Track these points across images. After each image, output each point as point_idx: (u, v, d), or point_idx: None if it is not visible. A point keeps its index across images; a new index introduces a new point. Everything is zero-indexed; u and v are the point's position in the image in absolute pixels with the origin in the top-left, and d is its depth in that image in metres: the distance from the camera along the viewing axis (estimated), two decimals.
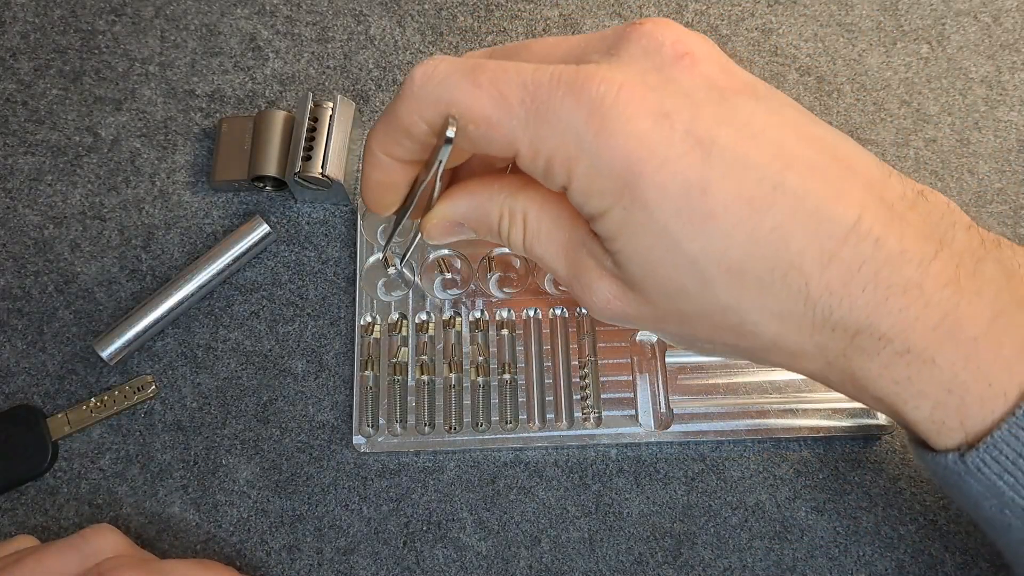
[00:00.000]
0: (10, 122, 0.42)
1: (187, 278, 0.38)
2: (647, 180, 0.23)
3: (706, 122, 0.23)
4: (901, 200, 0.24)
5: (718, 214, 0.23)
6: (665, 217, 0.23)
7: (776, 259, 0.23)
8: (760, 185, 0.23)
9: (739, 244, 0.23)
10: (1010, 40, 0.43)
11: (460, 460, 0.37)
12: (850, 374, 0.25)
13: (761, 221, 0.23)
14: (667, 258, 0.24)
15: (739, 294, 0.24)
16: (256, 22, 0.44)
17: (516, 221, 0.28)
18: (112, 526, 0.34)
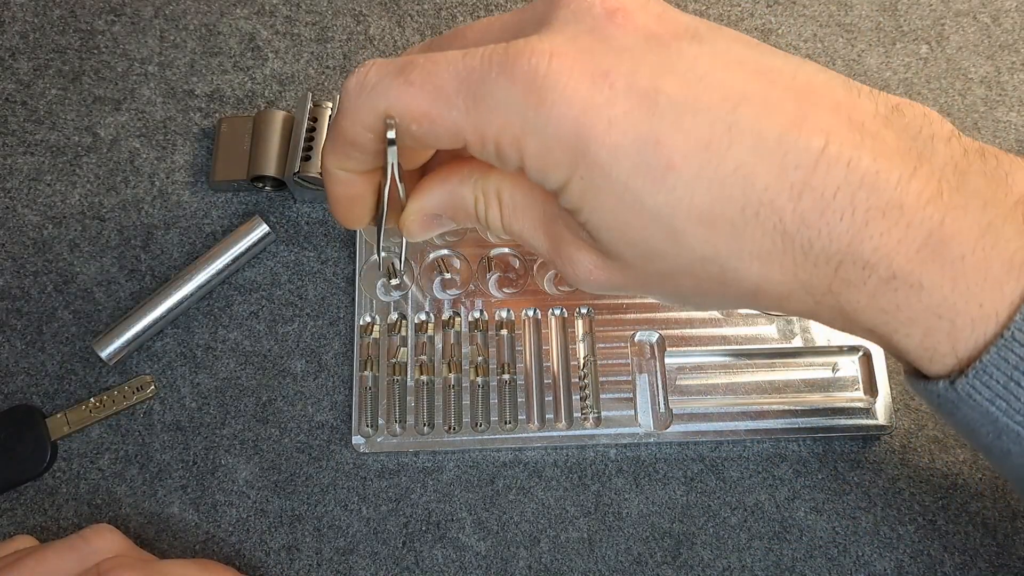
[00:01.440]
0: (9, 122, 0.42)
1: (186, 278, 0.38)
2: (597, 144, 0.22)
3: (647, 74, 0.23)
4: (873, 118, 0.23)
5: (676, 164, 0.22)
6: (624, 177, 0.23)
7: (745, 199, 0.23)
8: (714, 127, 0.22)
9: (704, 190, 0.23)
10: (1009, 40, 0.43)
11: (459, 460, 0.37)
12: (839, 308, 0.24)
13: (722, 163, 0.22)
14: (635, 219, 0.23)
15: (714, 242, 0.23)
16: (255, 22, 0.44)
17: (491, 201, 0.27)
18: (111, 526, 0.34)
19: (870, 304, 0.23)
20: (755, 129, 0.22)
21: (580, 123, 0.22)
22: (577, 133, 0.22)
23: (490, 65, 0.23)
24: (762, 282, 0.24)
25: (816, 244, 0.23)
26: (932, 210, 0.22)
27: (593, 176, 0.23)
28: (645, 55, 0.23)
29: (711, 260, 0.24)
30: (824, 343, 0.37)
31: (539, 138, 0.23)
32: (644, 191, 0.23)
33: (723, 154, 0.22)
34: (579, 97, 0.22)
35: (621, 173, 0.23)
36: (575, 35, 0.23)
